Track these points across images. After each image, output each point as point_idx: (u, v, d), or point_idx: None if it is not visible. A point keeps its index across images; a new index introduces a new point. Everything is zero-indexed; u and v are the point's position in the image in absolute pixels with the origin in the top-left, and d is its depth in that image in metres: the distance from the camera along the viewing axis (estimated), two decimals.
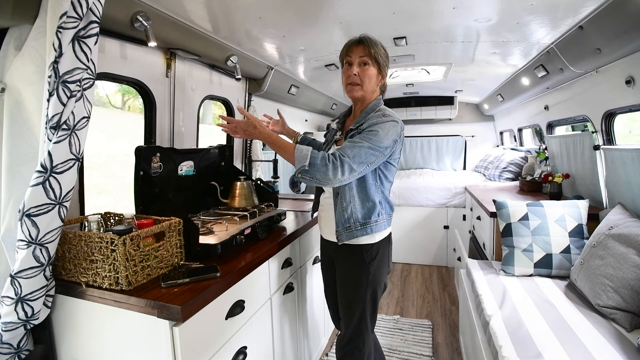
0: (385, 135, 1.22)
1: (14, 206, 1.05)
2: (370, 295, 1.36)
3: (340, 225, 1.32)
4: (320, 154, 1.17)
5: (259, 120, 1.26)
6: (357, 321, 1.38)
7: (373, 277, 1.35)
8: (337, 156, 1.16)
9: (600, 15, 1.47)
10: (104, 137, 3.61)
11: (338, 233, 1.33)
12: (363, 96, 1.34)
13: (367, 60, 1.30)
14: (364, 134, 1.23)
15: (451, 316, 2.64)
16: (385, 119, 1.25)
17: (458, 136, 4.69)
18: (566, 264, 1.71)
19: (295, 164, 1.16)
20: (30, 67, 1.05)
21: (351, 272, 1.37)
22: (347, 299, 1.39)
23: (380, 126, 1.23)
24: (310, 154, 1.15)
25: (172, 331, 0.96)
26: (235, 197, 1.72)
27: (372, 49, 1.29)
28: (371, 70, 1.31)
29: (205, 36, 1.74)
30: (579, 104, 2.23)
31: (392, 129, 1.24)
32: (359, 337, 1.39)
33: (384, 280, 1.41)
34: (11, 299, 1.01)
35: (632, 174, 1.67)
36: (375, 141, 1.20)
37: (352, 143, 1.20)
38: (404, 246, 3.71)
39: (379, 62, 1.31)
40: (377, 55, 1.30)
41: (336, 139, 1.44)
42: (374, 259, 1.35)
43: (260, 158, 2.68)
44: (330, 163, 1.14)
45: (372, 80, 1.32)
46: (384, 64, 1.33)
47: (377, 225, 1.33)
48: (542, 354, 1.15)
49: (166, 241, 1.17)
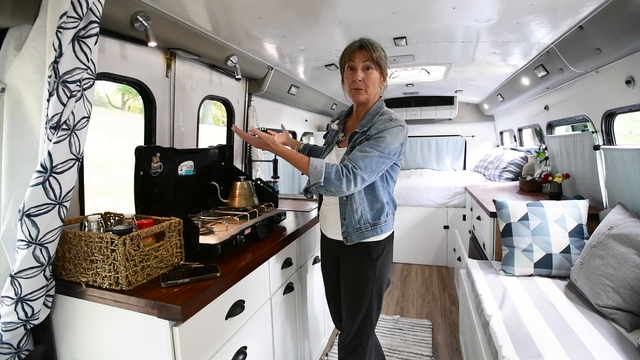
0: (393, 141, 1.25)
1: (14, 206, 1.05)
2: (376, 292, 1.38)
3: (350, 227, 1.34)
4: (334, 168, 1.20)
5: (272, 138, 1.29)
6: (363, 318, 1.39)
7: (379, 273, 1.38)
8: (350, 169, 1.19)
9: (600, 15, 1.47)
10: (104, 137, 3.61)
11: (347, 234, 1.34)
12: (367, 99, 1.36)
13: (370, 64, 1.31)
14: (372, 141, 1.24)
15: (451, 316, 2.64)
16: (393, 124, 1.27)
17: (458, 136, 4.69)
18: (566, 264, 1.71)
19: (311, 179, 1.20)
20: (30, 67, 1.04)
21: (358, 269, 1.39)
22: (354, 296, 1.40)
23: (388, 132, 1.25)
24: (325, 170, 1.19)
25: (172, 331, 0.96)
26: (235, 197, 1.72)
27: (374, 53, 1.31)
28: (374, 74, 1.33)
29: (205, 36, 1.74)
30: (579, 104, 2.23)
31: (399, 134, 1.27)
32: (363, 334, 1.40)
33: (388, 276, 1.44)
34: (11, 299, 1.01)
35: (632, 174, 1.67)
36: (384, 148, 1.23)
37: (363, 153, 1.22)
38: (404, 246, 3.71)
39: (381, 65, 1.33)
40: (379, 59, 1.31)
41: (338, 140, 1.45)
42: (380, 256, 1.37)
43: (260, 158, 2.68)
44: (344, 177, 1.18)
45: (375, 84, 1.35)
46: (385, 66, 1.35)
47: (386, 225, 1.37)
48: (542, 354, 1.15)
49: (166, 241, 1.17)
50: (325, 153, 1.47)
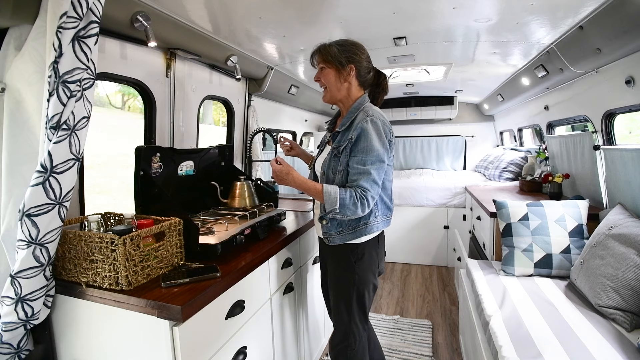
0: (378, 144, 1.25)
1: (14, 206, 1.05)
2: (356, 296, 1.36)
3: (334, 228, 1.34)
4: (348, 193, 1.22)
5: (291, 168, 1.31)
6: (347, 321, 1.38)
7: (360, 277, 1.35)
8: (359, 193, 1.22)
9: (600, 15, 1.47)
10: (104, 137, 3.61)
11: (329, 235, 1.35)
12: (333, 97, 1.38)
13: (322, 65, 1.35)
14: (361, 156, 1.24)
15: (451, 316, 2.64)
16: (369, 125, 1.25)
17: (458, 136, 4.69)
18: (566, 264, 1.71)
19: (326, 206, 1.23)
20: (30, 67, 1.04)
21: (338, 271, 1.39)
22: (335, 298, 1.41)
23: (369, 137, 1.24)
24: (339, 197, 1.21)
25: (172, 331, 0.96)
26: (235, 197, 1.72)
27: (322, 53, 1.34)
28: (327, 71, 1.34)
29: (205, 36, 1.74)
30: (579, 104, 2.23)
31: (379, 131, 1.26)
32: (350, 336, 1.39)
33: (372, 281, 1.40)
34: (11, 299, 1.01)
35: (632, 174, 1.67)
36: (374, 157, 1.24)
37: (360, 174, 1.23)
38: (404, 246, 3.71)
39: (331, 61, 1.33)
40: (327, 56, 1.33)
41: (327, 140, 1.48)
42: (360, 259, 1.35)
43: (260, 158, 2.67)
44: (358, 202, 1.22)
45: (331, 81, 1.35)
46: (340, 61, 1.32)
47: (367, 227, 1.34)
48: (542, 354, 1.15)
49: (166, 241, 1.17)
50: (318, 154, 1.49)
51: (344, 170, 1.28)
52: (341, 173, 1.28)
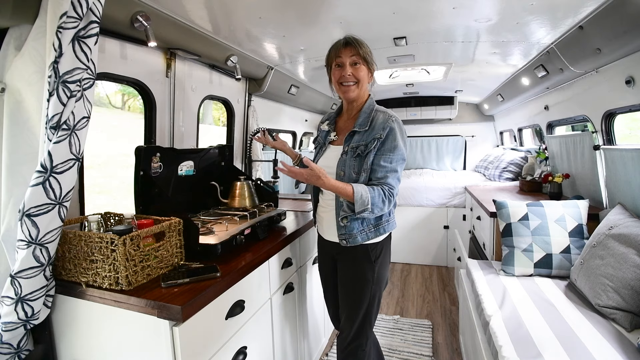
0: (401, 141, 1.30)
1: (14, 206, 1.05)
2: (375, 293, 1.38)
3: (356, 229, 1.32)
4: (377, 192, 1.24)
5: (323, 170, 1.24)
6: (362, 320, 1.38)
7: (378, 275, 1.37)
8: (387, 191, 1.26)
9: (600, 15, 1.47)
10: (104, 137, 3.61)
11: (349, 236, 1.32)
12: (358, 95, 1.37)
13: (357, 60, 1.32)
14: (388, 154, 1.28)
15: (451, 316, 2.64)
16: (394, 124, 1.30)
17: (458, 136, 4.69)
18: (566, 264, 1.71)
19: (357, 206, 1.23)
20: (30, 67, 1.05)
21: (356, 271, 1.38)
22: (352, 298, 1.39)
23: (395, 137, 1.29)
24: (370, 196, 1.22)
25: (172, 331, 0.96)
26: (235, 197, 1.72)
27: (361, 49, 1.32)
28: (363, 69, 1.34)
29: (205, 36, 1.74)
30: (578, 104, 2.23)
31: (403, 131, 1.32)
32: (362, 336, 1.40)
33: (387, 277, 1.44)
34: (11, 299, 1.01)
35: (632, 174, 1.67)
36: (399, 156, 1.29)
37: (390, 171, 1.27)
38: (404, 246, 3.71)
39: (368, 61, 1.34)
40: (365, 55, 1.33)
41: (330, 140, 1.44)
42: (379, 257, 1.37)
43: (260, 158, 2.67)
44: (386, 199, 1.25)
45: (365, 80, 1.35)
46: (372, 62, 1.36)
47: (388, 224, 1.38)
48: (542, 354, 1.15)
49: (166, 241, 1.17)
50: (319, 154, 1.46)
51: (368, 169, 1.29)
52: (366, 172, 1.29)
